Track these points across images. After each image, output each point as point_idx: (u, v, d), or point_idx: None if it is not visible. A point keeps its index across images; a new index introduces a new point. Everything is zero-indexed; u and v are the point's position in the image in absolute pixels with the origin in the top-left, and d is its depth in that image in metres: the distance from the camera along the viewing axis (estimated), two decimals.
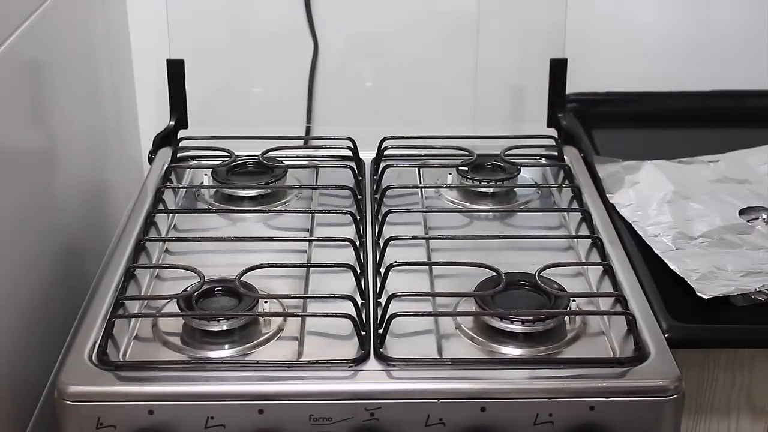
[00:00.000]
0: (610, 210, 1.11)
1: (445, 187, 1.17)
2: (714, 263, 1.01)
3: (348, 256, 0.97)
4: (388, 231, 1.02)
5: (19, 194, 0.96)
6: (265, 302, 0.92)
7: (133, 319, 0.92)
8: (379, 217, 1.06)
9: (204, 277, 0.93)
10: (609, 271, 0.97)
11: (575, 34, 1.33)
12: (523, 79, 1.36)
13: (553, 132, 1.27)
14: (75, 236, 1.15)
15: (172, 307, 0.91)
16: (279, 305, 0.93)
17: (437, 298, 0.94)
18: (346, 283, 0.93)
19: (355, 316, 0.87)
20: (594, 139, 1.33)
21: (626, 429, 0.81)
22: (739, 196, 1.15)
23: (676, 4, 1.40)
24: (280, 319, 0.91)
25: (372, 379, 0.82)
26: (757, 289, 0.96)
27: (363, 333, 0.87)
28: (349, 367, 0.83)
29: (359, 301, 0.91)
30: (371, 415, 0.80)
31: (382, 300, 0.90)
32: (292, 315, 0.92)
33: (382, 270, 0.95)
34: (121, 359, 0.86)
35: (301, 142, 1.35)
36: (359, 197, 1.12)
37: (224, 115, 1.37)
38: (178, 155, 1.23)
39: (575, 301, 0.93)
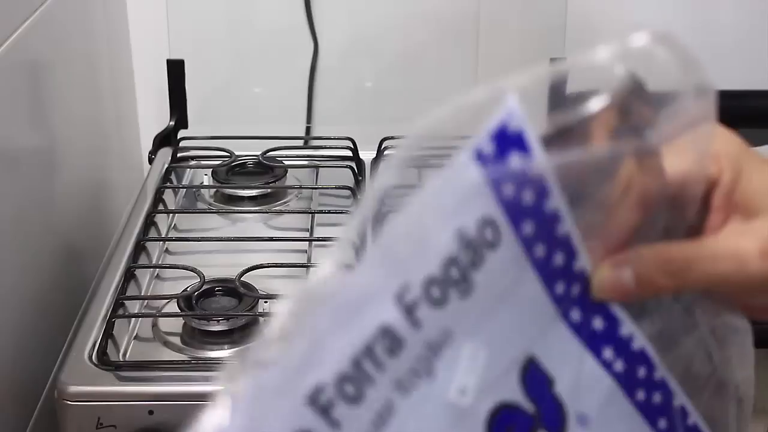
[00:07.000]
0: None
1: None
2: None
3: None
4: None
5: (19, 194, 0.96)
6: (265, 302, 0.92)
7: (133, 319, 0.92)
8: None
9: (204, 277, 0.93)
10: None
11: (575, 34, 1.33)
12: None
13: None
14: (75, 236, 1.15)
15: (172, 307, 0.91)
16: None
17: None
18: None
19: None
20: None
21: None
22: None
23: (676, 4, 1.40)
24: None
25: None
26: None
27: None
28: None
29: None
30: None
31: None
32: None
33: None
34: (121, 359, 0.86)
35: (301, 142, 1.35)
36: (359, 197, 1.11)
37: (224, 115, 1.37)
38: (178, 155, 1.23)
39: None
